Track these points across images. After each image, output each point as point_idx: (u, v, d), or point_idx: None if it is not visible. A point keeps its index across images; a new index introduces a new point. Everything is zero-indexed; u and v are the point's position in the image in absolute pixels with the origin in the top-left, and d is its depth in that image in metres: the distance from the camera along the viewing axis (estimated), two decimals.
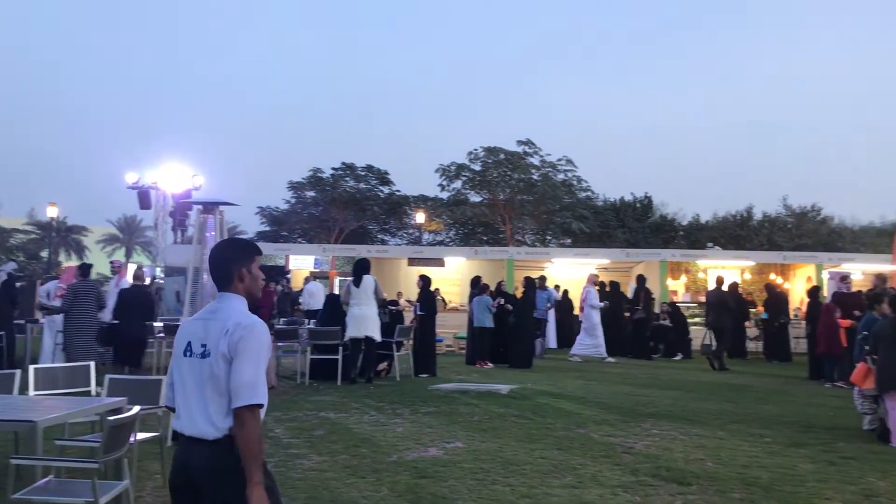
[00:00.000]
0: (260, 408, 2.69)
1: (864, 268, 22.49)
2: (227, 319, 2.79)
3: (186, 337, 2.87)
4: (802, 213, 38.53)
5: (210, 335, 2.79)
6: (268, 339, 2.85)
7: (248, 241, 3.28)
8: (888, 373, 7.87)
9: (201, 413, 2.75)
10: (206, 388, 2.75)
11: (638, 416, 9.09)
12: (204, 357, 2.77)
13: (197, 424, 2.75)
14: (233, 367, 2.70)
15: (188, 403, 2.79)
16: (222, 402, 2.72)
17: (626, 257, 23.29)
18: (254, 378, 2.70)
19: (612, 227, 37.78)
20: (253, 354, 2.72)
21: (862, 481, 6.16)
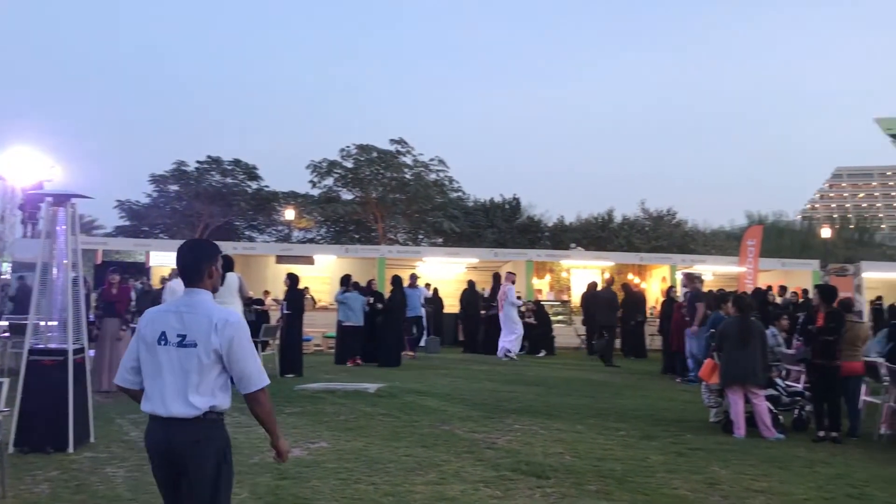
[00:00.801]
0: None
1: (714, 269, 23.91)
2: (210, 314, 3.17)
3: (160, 327, 3.18)
4: (659, 217, 40.45)
5: (191, 327, 3.15)
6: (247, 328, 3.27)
7: (213, 241, 3.59)
8: (731, 368, 8.40)
9: (179, 396, 3.11)
10: (190, 374, 3.12)
11: (501, 412, 9.29)
12: (184, 346, 3.13)
13: (174, 406, 3.11)
14: (237, 361, 3.16)
15: (162, 387, 3.14)
16: (206, 387, 3.13)
17: (495, 257, 23.73)
18: (257, 366, 3.23)
19: (481, 227, 38.40)
20: (249, 348, 3.22)
21: (707, 470, 6.54)
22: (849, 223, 56.20)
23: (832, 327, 8.29)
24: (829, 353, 8.29)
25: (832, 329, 8.29)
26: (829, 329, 8.28)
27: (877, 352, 9.81)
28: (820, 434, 8.16)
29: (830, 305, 8.51)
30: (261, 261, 22.55)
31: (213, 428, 3.19)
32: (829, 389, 8.30)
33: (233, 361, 3.16)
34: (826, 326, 8.30)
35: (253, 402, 3.24)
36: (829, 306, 8.47)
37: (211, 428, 3.18)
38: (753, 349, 8.31)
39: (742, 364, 8.30)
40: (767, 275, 22.97)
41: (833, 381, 8.35)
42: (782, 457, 7.20)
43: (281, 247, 26.19)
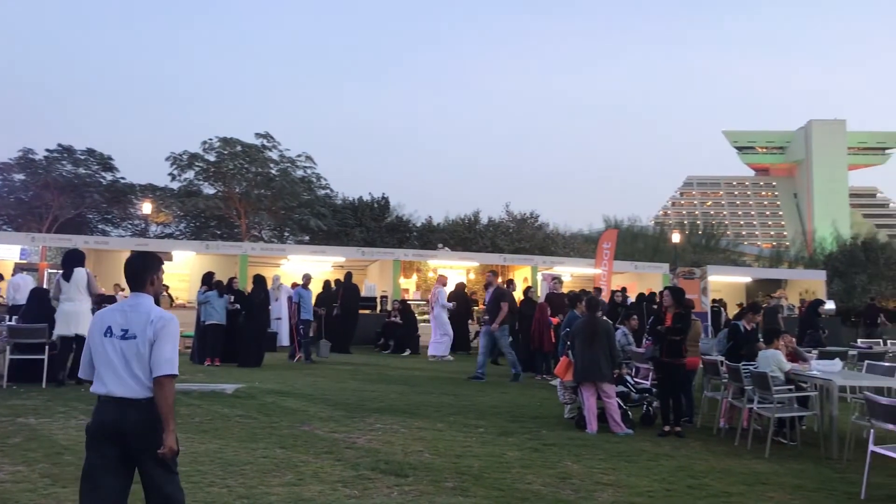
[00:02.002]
0: (175, 377, 3.64)
1: (572, 270, 24.80)
2: (149, 313, 3.71)
3: (106, 322, 3.72)
4: (522, 220, 41.50)
5: (132, 323, 3.68)
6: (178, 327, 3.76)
7: (157, 254, 4.11)
8: (584, 365, 8.73)
9: (131, 379, 3.61)
10: (132, 362, 3.62)
11: (363, 411, 9.27)
12: (125, 339, 3.66)
13: (124, 389, 3.60)
14: (155, 347, 3.62)
15: (116, 372, 3.63)
16: (145, 373, 3.62)
17: (362, 256, 23.69)
18: (172, 355, 3.65)
19: (349, 226, 38.16)
20: (171, 339, 3.68)
21: (560, 465, 6.77)
22: (697, 229, 59.61)
23: (679, 327, 8.77)
24: (675, 351, 8.76)
25: (679, 329, 8.76)
26: (676, 329, 8.75)
27: (717, 350, 10.47)
28: (665, 429, 8.60)
29: (679, 306, 8.99)
30: (115, 256, 21.49)
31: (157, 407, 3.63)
32: (676, 386, 8.77)
33: (154, 346, 3.63)
34: (674, 326, 8.77)
35: (159, 385, 3.60)
36: (677, 307, 8.94)
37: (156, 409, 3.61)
38: (600, 347, 8.68)
39: (590, 361, 8.66)
40: (621, 276, 24.07)
41: (679, 378, 8.84)
42: (630, 451, 7.55)
43: (136, 241, 25.05)
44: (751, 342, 9.57)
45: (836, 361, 9.04)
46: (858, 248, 44.07)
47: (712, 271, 26.24)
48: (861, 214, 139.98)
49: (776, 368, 8.28)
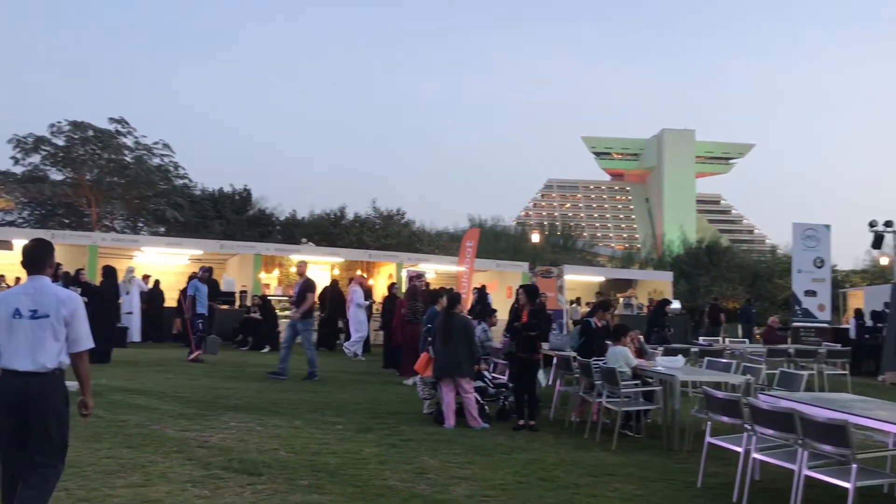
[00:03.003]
0: (91, 351, 4.24)
1: (437, 268, 25.04)
2: (57, 293, 4.17)
3: (13, 305, 4.09)
4: (389, 216, 41.56)
5: (41, 304, 4.09)
6: None
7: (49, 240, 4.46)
8: (443, 361, 8.83)
9: (41, 354, 4.05)
10: (44, 340, 4.06)
11: (218, 408, 9.01)
12: (36, 318, 4.07)
13: (30, 363, 4.02)
14: (73, 326, 4.15)
15: (24, 350, 4.04)
16: (56, 348, 4.09)
17: (221, 249, 22.96)
18: (87, 332, 4.25)
19: (208, 218, 36.94)
20: (84, 318, 4.25)
21: (417, 460, 6.82)
22: (556, 230, 61.61)
23: (535, 323, 9.01)
24: (531, 347, 9.00)
25: (535, 325, 9.00)
26: (532, 325, 8.99)
27: (571, 346, 10.84)
28: (520, 423, 8.83)
29: (534, 303, 9.24)
30: None
31: (59, 381, 4.14)
32: (530, 381, 9.01)
33: (71, 326, 4.13)
34: (530, 323, 9.00)
35: (78, 359, 4.21)
36: (532, 304, 9.19)
37: (58, 381, 4.13)
38: (458, 343, 8.81)
39: (448, 357, 8.78)
40: (483, 274, 24.52)
41: (534, 374, 9.10)
42: (485, 445, 7.70)
43: None
44: (601, 338, 9.96)
45: (678, 358, 9.57)
46: (703, 251, 46.96)
47: (569, 271, 27.19)
48: (706, 220, 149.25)
49: (624, 364, 8.66)
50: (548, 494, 5.87)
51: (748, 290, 41.67)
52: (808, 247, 21.73)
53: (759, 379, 9.05)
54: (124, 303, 17.99)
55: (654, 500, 5.92)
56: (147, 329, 18.76)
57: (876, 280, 37.74)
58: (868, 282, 39.20)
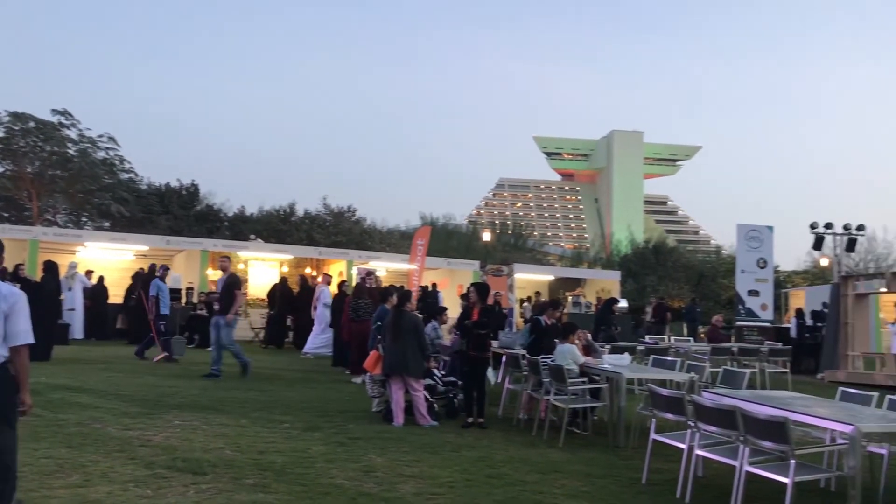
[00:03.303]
0: (31, 345, 4.21)
1: (388, 265, 24.97)
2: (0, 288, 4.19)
3: None
4: (340, 213, 41.32)
5: None
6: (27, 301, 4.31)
7: None
8: (393, 359, 8.81)
9: None
10: None
11: (162, 407, 8.84)
12: None
13: None
14: (12, 321, 4.16)
15: None
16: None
17: (167, 245, 22.54)
18: (27, 327, 4.24)
19: (155, 213, 36.27)
20: (25, 312, 4.24)
21: (364, 459, 6.78)
22: (507, 229, 62.00)
23: (485, 322, 9.03)
24: (481, 345, 9.00)
25: (485, 323, 9.03)
26: (482, 323, 9.00)
27: (520, 344, 10.92)
28: (469, 420, 8.84)
29: (485, 302, 9.27)
30: None
31: (7, 369, 4.19)
32: (480, 379, 9.00)
33: (10, 320, 4.14)
34: (480, 321, 9.01)
35: (16, 354, 4.20)
36: (483, 302, 9.22)
37: (6, 369, 4.19)
38: (408, 341, 8.79)
39: (398, 355, 8.75)
40: (434, 272, 24.54)
41: (484, 372, 9.11)
42: (434, 443, 7.70)
43: None
44: (550, 336, 10.04)
45: (625, 356, 9.70)
46: (650, 251, 47.75)
47: (519, 269, 27.37)
48: (654, 220, 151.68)
49: (571, 362, 8.75)
50: (495, 492, 5.89)
51: (693, 290, 42.49)
52: (751, 247, 22.20)
53: (702, 377, 9.22)
54: (66, 299, 17.57)
55: (600, 497, 5.98)
56: (90, 326, 18.35)
57: (816, 280, 38.76)
58: (809, 282, 40.24)
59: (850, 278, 18.76)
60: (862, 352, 17.78)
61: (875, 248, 45.66)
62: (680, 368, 9.53)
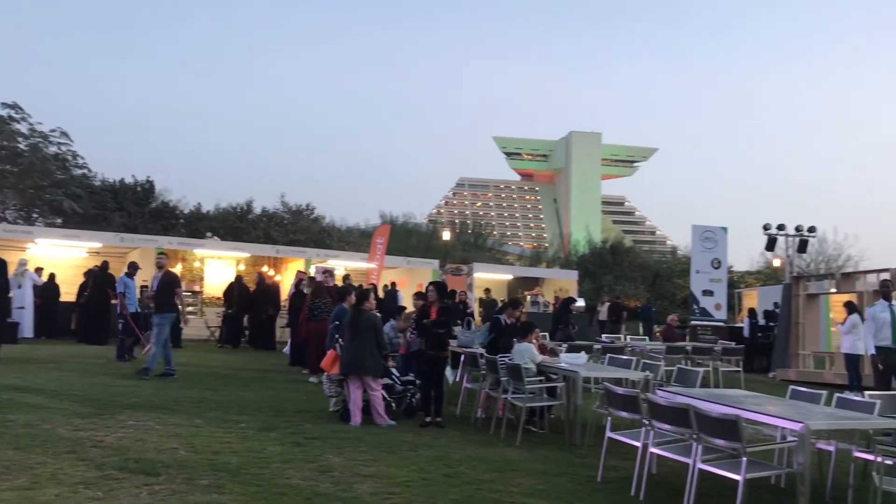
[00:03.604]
0: None
1: (346, 264, 24.84)
2: None
3: None
4: (298, 211, 40.97)
5: None
6: None
7: None
8: (350, 358, 8.77)
9: None
10: None
11: (115, 407, 8.68)
12: None
13: None
14: None
15: None
16: None
17: (121, 242, 22.12)
18: None
19: (108, 210, 35.56)
20: None
21: (321, 458, 6.73)
22: (467, 228, 62.13)
23: (444, 321, 9.03)
24: (439, 344, 9.01)
25: (444, 322, 9.02)
26: (441, 322, 9.00)
27: (479, 342, 10.94)
28: (427, 419, 8.85)
29: (444, 301, 9.27)
30: None
31: None
32: (438, 378, 9.02)
33: None
34: (438, 320, 9.01)
35: None
36: (442, 301, 9.21)
37: None
38: (366, 340, 8.76)
39: (356, 354, 8.72)
40: (393, 271, 24.49)
41: (442, 371, 9.13)
42: (391, 442, 7.69)
43: None
44: (510, 335, 10.07)
45: (581, 355, 9.78)
46: (607, 251, 48.25)
47: (478, 268, 27.46)
48: (611, 221, 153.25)
49: (529, 361, 8.80)
50: (452, 490, 5.90)
51: (649, 290, 43.06)
52: (706, 248, 22.54)
53: (657, 375, 9.34)
54: (15, 297, 17.13)
55: (556, 495, 6.02)
56: (40, 324, 17.94)
57: (769, 281, 39.52)
58: (762, 282, 41.01)
59: (801, 279, 19.17)
60: (812, 351, 18.17)
61: (826, 249, 46.65)
62: (635, 367, 9.64)
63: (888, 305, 9.82)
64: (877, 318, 9.88)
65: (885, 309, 9.81)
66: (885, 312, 9.79)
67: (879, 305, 9.95)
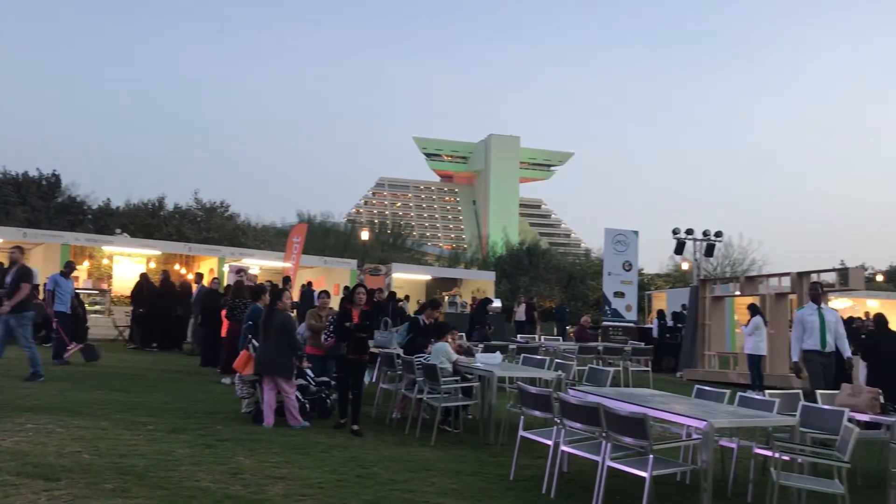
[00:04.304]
0: None
1: (262, 263, 24.46)
2: None
3: None
4: (212, 209, 40.06)
5: None
6: None
7: None
8: (264, 359, 8.61)
9: None
10: None
11: (13, 410, 8.30)
12: None
13: None
14: None
15: None
16: None
17: (24, 237, 21.20)
18: None
19: (10, 204, 34.01)
20: None
21: (232, 461, 6.60)
22: (386, 228, 61.93)
23: (367, 325, 8.83)
24: (361, 348, 8.76)
25: (366, 326, 8.83)
26: (363, 326, 8.78)
27: (398, 342, 10.92)
28: (342, 421, 8.69)
29: (369, 304, 9.11)
30: None
31: None
32: (358, 382, 8.77)
33: None
34: (362, 324, 8.78)
35: None
36: (367, 304, 9.01)
37: None
38: (279, 340, 8.62)
39: (269, 354, 8.57)
40: (310, 271, 24.26)
41: (362, 375, 8.88)
42: (305, 443, 7.60)
43: None
44: (428, 335, 10.05)
45: (496, 354, 9.89)
46: (524, 252, 48.84)
47: (397, 269, 27.44)
48: (528, 223, 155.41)
49: (445, 360, 8.84)
50: (365, 492, 5.88)
51: (564, 291, 43.81)
52: (617, 251, 23.12)
53: (570, 375, 9.53)
54: None
55: (468, 494, 6.07)
56: None
57: (677, 283, 40.80)
58: (670, 285, 42.26)
59: (707, 281, 19.85)
60: (718, 351, 18.85)
61: (731, 253, 48.47)
62: (549, 367, 9.80)
63: (817, 309, 9.69)
64: (805, 322, 9.68)
65: (813, 312, 9.67)
66: (814, 316, 9.65)
67: (808, 308, 9.78)
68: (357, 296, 8.87)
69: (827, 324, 9.59)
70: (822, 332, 9.53)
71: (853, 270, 16.60)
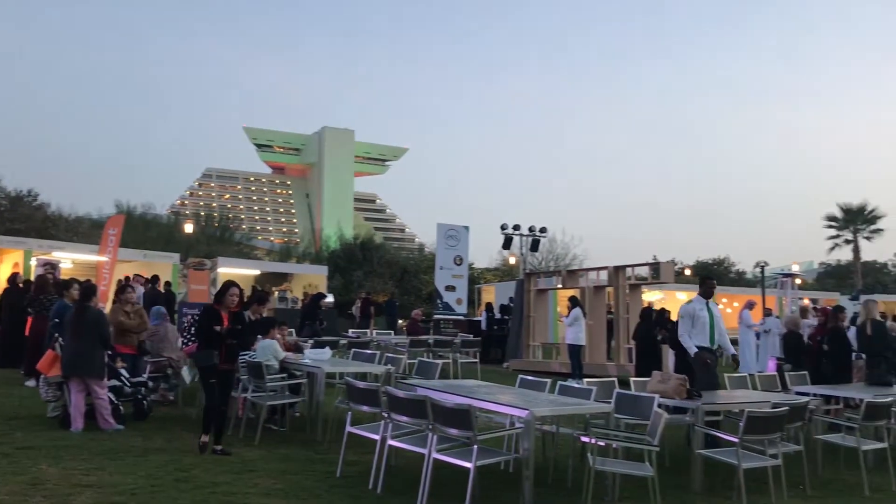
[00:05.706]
0: None
1: (74, 256, 22.85)
2: None
3: None
4: (18, 198, 37.08)
5: None
6: None
7: None
8: (72, 359, 8.00)
9: None
10: None
11: None
12: None
13: None
14: None
15: None
16: None
17: None
18: None
19: None
20: None
21: (33, 470, 6.10)
22: (213, 221, 59.74)
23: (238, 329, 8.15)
24: (232, 356, 7.98)
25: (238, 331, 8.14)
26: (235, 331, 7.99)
27: None
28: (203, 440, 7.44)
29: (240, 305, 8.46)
30: None
31: None
32: (225, 395, 7.68)
33: None
34: (233, 328, 8.04)
35: None
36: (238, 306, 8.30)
37: None
38: (90, 339, 8.05)
39: (78, 354, 7.98)
40: (129, 265, 22.98)
41: (230, 387, 8.07)
42: (118, 448, 7.14)
43: None
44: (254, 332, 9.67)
45: (325, 350, 9.74)
46: (357, 247, 48.67)
47: (223, 263, 26.52)
48: (363, 217, 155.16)
49: (272, 357, 8.59)
50: (182, 496, 5.58)
51: (397, 285, 44.08)
52: (449, 246, 23.52)
53: (399, 368, 9.54)
54: None
55: (293, 493, 5.92)
56: None
57: (505, 277, 42.05)
58: (499, 278, 43.52)
59: (532, 275, 20.59)
60: (541, 342, 19.60)
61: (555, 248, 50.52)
62: (379, 361, 9.76)
63: (706, 304, 9.41)
64: (696, 316, 9.33)
65: (703, 307, 9.36)
66: (704, 311, 9.34)
67: (697, 303, 9.43)
68: (229, 297, 7.70)
69: (716, 320, 9.40)
70: (712, 329, 9.33)
71: (664, 265, 17.72)
